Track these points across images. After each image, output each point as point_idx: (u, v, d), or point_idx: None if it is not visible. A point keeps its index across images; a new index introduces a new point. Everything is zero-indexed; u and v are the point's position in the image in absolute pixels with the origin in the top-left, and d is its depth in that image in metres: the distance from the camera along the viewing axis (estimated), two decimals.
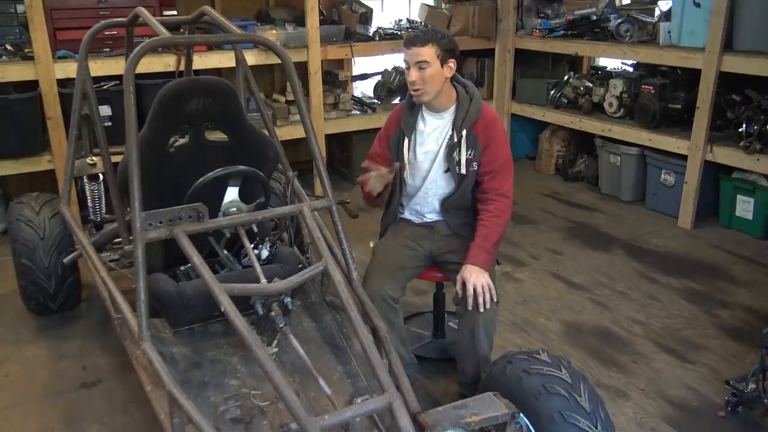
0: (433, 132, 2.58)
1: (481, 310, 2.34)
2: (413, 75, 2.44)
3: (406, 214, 2.75)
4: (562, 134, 5.73)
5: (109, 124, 4.16)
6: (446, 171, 2.58)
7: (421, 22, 5.85)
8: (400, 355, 2.29)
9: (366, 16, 5.47)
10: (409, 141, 2.60)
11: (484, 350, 2.45)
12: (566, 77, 5.68)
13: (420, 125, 2.60)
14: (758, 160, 4.03)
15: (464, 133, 2.51)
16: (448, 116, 2.56)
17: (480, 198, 2.56)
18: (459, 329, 2.50)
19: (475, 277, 2.34)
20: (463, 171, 2.54)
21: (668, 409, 2.67)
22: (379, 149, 2.68)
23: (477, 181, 2.57)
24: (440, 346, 3.04)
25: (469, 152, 2.51)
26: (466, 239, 2.55)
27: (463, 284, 2.36)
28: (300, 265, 2.58)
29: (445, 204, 2.64)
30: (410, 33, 2.57)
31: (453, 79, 2.54)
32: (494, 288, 2.38)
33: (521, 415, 1.84)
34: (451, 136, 2.53)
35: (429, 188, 2.64)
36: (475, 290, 2.33)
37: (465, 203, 2.62)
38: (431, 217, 2.70)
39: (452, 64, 2.46)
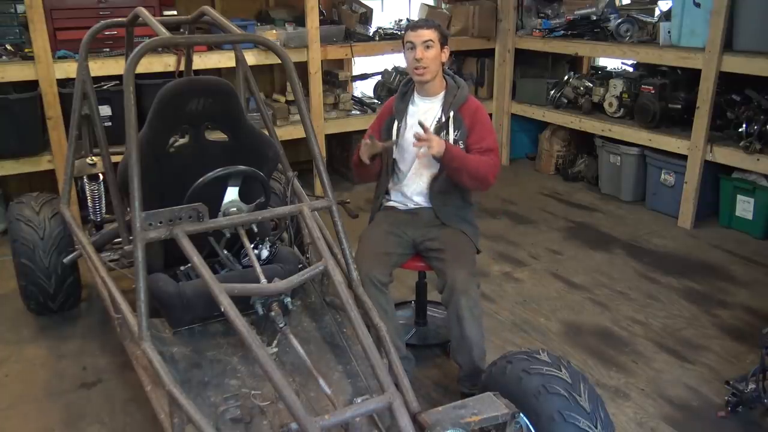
0: (423, 115, 2.74)
1: (417, 136, 2.52)
2: (420, 53, 2.64)
3: (392, 200, 2.87)
4: (562, 134, 5.73)
5: (109, 124, 4.17)
6: None
7: None
8: (396, 347, 2.30)
9: (366, 16, 5.47)
10: (399, 124, 2.77)
11: (475, 336, 2.52)
12: (566, 77, 5.68)
13: (411, 109, 2.78)
14: (758, 160, 4.03)
15: (451, 114, 2.70)
16: (438, 101, 2.76)
17: None
18: (448, 321, 2.59)
19: (438, 139, 2.54)
20: None
21: (668, 409, 2.67)
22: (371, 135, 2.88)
23: None
24: (422, 334, 3.14)
25: (455, 132, 2.69)
26: (450, 228, 2.72)
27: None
28: (300, 265, 2.58)
29: (433, 186, 2.76)
30: (411, 22, 2.75)
31: (443, 71, 2.76)
32: (472, 271, 2.57)
33: (521, 415, 1.84)
34: (440, 118, 2.71)
35: (417, 169, 2.78)
36: (429, 141, 2.49)
37: (450, 187, 2.74)
38: (418, 200, 2.82)
39: (446, 51, 2.71)
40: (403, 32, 2.79)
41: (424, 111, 2.75)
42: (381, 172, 2.84)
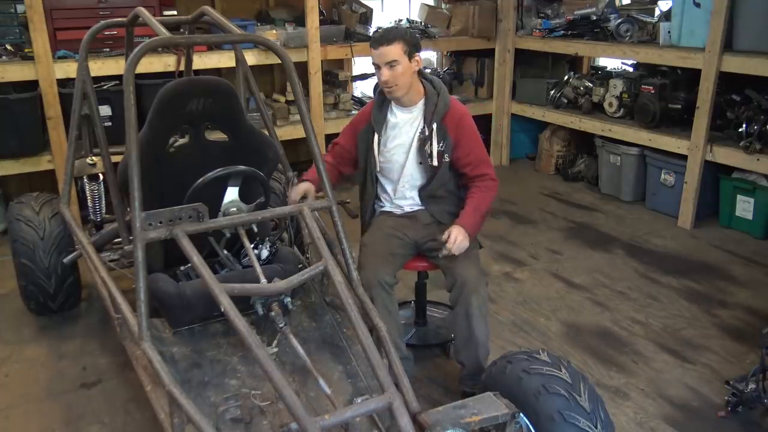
0: (404, 125, 2.68)
1: (449, 249, 2.48)
2: (385, 74, 2.53)
3: (387, 207, 2.83)
4: (562, 134, 5.73)
5: (109, 124, 4.17)
6: (420, 163, 2.67)
7: (420, 22, 5.85)
8: (397, 347, 2.31)
9: (366, 16, 5.47)
10: (380, 137, 2.69)
11: (482, 335, 2.52)
12: (566, 77, 5.68)
13: (390, 120, 2.69)
14: (758, 160, 4.03)
15: (434, 126, 2.61)
16: (417, 110, 2.66)
17: (468, 183, 2.69)
18: (453, 318, 2.57)
19: (457, 232, 2.50)
20: (435, 163, 2.64)
21: (668, 409, 2.67)
22: (343, 141, 2.80)
23: (459, 174, 2.68)
24: (422, 334, 3.14)
25: (440, 144, 2.61)
26: (448, 226, 2.65)
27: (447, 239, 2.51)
28: (300, 265, 2.59)
29: (422, 194, 2.74)
30: (375, 34, 2.66)
31: (420, 75, 2.64)
32: (480, 269, 2.57)
33: (521, 415, 1.84)
34: (423, 129, 2.63)
35: (405, 181, 2.73)
36: (453, 240, 2.48)
37: (442, 191, 2.72)
38: (412, 208, 2.79)
39: (418, 57, 2.57)
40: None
41: (404, 122, 2.66)
42: (364, 182, 2.80)
